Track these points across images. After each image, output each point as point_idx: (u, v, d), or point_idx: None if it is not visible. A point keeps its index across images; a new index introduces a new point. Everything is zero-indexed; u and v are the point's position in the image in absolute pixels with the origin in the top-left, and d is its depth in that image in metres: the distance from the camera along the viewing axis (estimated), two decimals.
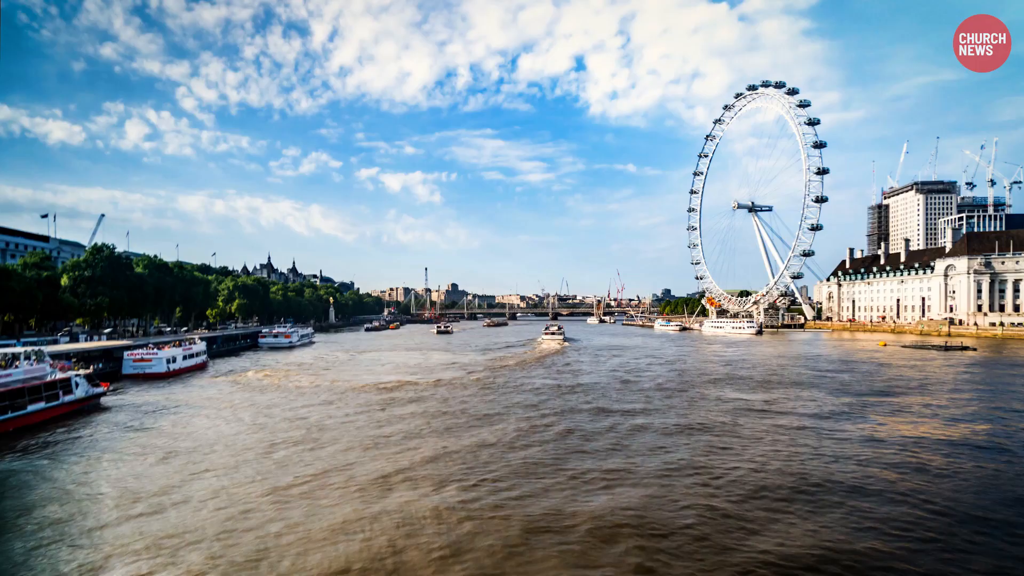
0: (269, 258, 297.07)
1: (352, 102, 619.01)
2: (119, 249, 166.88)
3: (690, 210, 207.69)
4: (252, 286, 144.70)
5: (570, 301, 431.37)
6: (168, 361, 56.56)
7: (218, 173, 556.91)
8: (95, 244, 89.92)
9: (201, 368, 63.86)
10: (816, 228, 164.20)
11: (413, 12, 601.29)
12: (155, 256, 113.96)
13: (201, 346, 66.95)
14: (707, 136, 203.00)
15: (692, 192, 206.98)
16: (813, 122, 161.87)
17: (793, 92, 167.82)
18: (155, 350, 58.06)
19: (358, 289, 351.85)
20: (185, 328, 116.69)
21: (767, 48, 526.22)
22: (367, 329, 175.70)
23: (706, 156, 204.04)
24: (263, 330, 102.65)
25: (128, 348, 58.64)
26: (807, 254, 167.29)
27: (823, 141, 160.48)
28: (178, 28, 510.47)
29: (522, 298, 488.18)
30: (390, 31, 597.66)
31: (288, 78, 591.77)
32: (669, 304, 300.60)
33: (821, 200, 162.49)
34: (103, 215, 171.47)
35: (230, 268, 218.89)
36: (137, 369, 55.11)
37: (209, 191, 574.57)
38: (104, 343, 62.95)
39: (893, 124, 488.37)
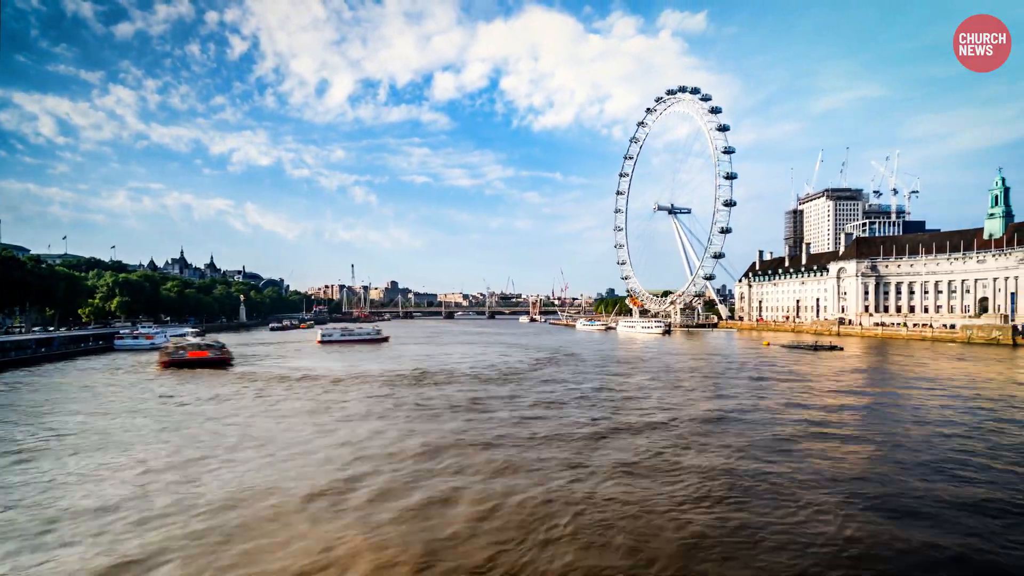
0: (182, 252, 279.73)
1: (274, 111, 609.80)
2: None
3: (617, 229, 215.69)
4: (136, 282, 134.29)
5: (513, 300, 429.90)
6: None
7: (141, 170, 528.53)
8: None
9: None
10: (729, 204, 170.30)
11: (331, 32, 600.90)
12: (3, 249, 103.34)
13: None
14: (625, 156, 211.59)
15: (617, 211, 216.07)
16: (716, 111, 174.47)
17: (695, 91, 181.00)
18: None
19: (287, 286, 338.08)
20: (39, 328, 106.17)
21: (666, 75, 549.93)
22: (272, 329, 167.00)
23: (626, 175, 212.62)
24: (121, 330, 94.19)
25: None
26: (725, 231, 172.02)
27: (726, 125, 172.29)
28: (93, 39, 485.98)
29: (465, 296, 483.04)
30: (307, 46, 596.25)
31: (207, 88, 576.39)
32: (602, 303, 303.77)
33: (731, 177, 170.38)
34: None
35: (132, 263, 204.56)
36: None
37: (134, 185, 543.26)
38: None
39: (817, 136, 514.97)
